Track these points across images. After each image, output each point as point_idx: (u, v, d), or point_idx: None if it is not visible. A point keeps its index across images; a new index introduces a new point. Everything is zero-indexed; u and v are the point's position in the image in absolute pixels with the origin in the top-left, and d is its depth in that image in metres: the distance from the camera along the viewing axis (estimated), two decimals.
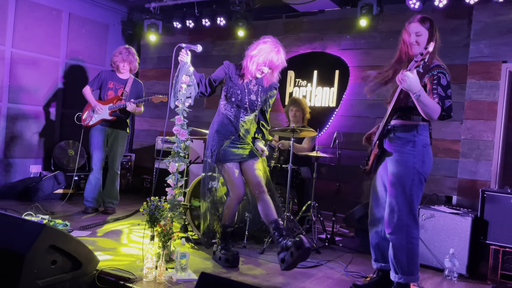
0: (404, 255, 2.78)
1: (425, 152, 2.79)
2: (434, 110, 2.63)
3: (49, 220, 3.95)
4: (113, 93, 4.84)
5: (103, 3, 6.42)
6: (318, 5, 5.25)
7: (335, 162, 4.96)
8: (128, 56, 4.81)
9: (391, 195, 2.82)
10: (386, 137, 2.89)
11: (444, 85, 2.69)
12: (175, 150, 3.40)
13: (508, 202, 3.64)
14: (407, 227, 2.77)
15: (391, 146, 2.87)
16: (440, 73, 2.70)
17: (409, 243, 2.78)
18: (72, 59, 6.10)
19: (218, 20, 5.71)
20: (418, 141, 2.78)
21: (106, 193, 4.92)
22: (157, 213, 3.10)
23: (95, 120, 4.77)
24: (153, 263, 2.89)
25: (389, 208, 2.83)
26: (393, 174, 2.82)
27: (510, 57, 4.26)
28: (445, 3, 4.39)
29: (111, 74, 4.91)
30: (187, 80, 3.37)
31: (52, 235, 2.52)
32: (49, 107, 5.90)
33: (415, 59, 2.60)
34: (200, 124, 5.80)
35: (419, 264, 2.87)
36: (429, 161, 2.82)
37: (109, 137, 4.86)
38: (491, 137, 4.31)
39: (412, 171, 2.76)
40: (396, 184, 2.79)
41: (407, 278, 2.81)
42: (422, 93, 2.57)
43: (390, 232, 2.81)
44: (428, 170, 2.81)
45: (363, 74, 5.24)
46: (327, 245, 4.21)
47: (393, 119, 2.86)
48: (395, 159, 2.82)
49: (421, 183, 2.80)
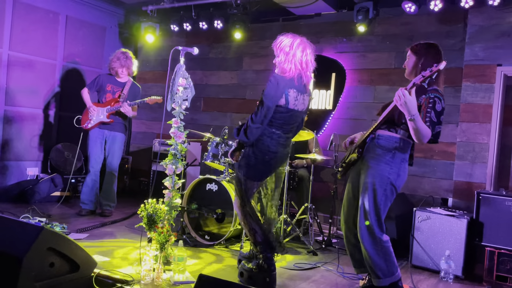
0: (382, 259, 2.84)
1: (402, 166, 2.84)
2: (425, 135, 2.66)
3: (46, 222, 3.95)
4: (111, 96, 4.89)
5: (100, 6, 6.42)
6: (314, 8, 5.28)
7: (331, 165, 4.99)
8: (126, 61, 4.88)
9: (362, 201, 2.86)
10: (368, 144, 2.92)
11: (438, 111, 2.72)
12: (172, 153, 3.41)
13: (503, 204, 3.67)
14: (378, 234, 2.83)
15: (370, 154, 2.89)
16: (437, 97, 2.73)
17: (382, 248, 2.84)
18: (69, 61, 6.10)
19: (215, 23, 5.73)
20: (398, 155, 2.82)
21: (104, 195, 4.92)
22: (155, 215, 3.11)
23: (94, 122, 4.82)
24: (150, 266, 2.90)
25: (360, 216, 2.87)
26: (367, 182, 2.85)
27: (505, 60, 4.30)
28: (441, 7, 4.42)
29: (109, 77, 4.97)
30: (183, 83, 3.38)
31: (50, 238, 2.52)
32: (46, 109, 5.89)
33: (423, 73, 2.63)
34: (197, 126, 5.82)
35: (396, 261, 2.90)
36: (404, 176, 2.87)
37: (107, 140, 4.89)
38: (486, 139, 4.34)
39: (386, 181, 2.81)
40: (368, 191, 2.83)
41: (389, 279, 2.85)
42: (417, 118, 2.60)
43: (363, 241, 2.86)
44: (401, 184, 2.87)
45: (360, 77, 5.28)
46: (324, 247, 4.23)
47: (380, 129, 2.89)
48: (372, 167, 2.85)
49: (392, 194, 2.85)
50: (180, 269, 3.07)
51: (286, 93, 2.89)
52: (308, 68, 2.97)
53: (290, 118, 3.00)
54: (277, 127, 2.97)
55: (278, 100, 2.89)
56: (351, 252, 3.13)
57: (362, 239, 2.86)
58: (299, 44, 2.94)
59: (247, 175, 3.02)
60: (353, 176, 3.05)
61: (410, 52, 2.95)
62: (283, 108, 2.91)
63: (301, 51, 2.92)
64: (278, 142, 3.00)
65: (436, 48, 2.88)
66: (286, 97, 2.90)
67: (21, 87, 5.57)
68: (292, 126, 3.07)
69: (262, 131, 2.94)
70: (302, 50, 2.93)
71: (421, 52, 2.87)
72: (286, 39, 2.96)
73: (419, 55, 2.87)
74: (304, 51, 2.93)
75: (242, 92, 6.09)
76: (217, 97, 6.31)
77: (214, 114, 6.32)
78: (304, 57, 2.92)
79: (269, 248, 3.07)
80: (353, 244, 3.08)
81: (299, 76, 2.93)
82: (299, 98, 2.96)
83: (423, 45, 2.90)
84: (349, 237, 3.09)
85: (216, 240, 4.00)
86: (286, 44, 2.93)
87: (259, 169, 3.03)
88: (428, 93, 2.75)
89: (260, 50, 5.89)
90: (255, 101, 5.85)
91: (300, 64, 2.91)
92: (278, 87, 2.88)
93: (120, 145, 4.94)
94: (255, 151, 2.99)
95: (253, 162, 3.00)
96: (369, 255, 2.85)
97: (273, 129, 2.96)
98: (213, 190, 4.10)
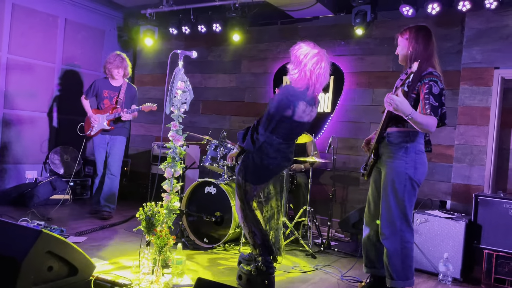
0: (399, 260, 2.81)
1: (417, 158, 2.81)
2: (430, 125, 2.64)
3: (45, 226, 3.95)
4: (108, 102, 5.00)
5: (99, 9, 6.44)
6: (313, 11, 5.30)
7: (330, 167, 5.00)
8: (122, 62, 4.96)
9: (384, 200, 2.85)
10: (381, 143, 2.93)
11: (436, 93, 2.69)
12: (171, 156, 3.42)
13: (501, 206, 3.68)
14: (401, 231, 2.80)
15: (384, 152, 2.90)
16: (432, 81, 2.72)
17: (404, 248, 2.81)
18: (68, 65, 6.11)
19: (214, 26, 5.74)
20: (411, 147, 2.80)
21: (103, 197, 4.97)
22: (153, 219, 3.11)
23: (96, 130, 4.97)
24: (149, 269, 2.90)
25: (382, 213, 2.86)
26: (386, 180, 2.85)
27: (502, 63, 4.32)
28: (438, 10, 4.44)
29: (104, 82, 5.04)
30: (182, 86, 3.39)
31: (49, 241, 2.53)
32: (45, 113, 5.90)
33: (400, 77, 2.66)
34: (196, 129, 5.82)
35: (413, 268, 2.89)
36: (422, 168, 2.84)
37: (109, 143, 5.01)
38: (484, 142, 4.35)
39: (404, 177, 2.79)
40: (389, 189, 2.82)
41: (402, 283, 2.83)
42: (413, 114, 2.59)
43: (384, 238, 2.84)
44: (421, 176, 2.83)
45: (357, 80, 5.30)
46: (322, 250, 4.23)
47: (389, 127, 2.89)
48: (388, 165, 2.85)
49: (414, 189, 2.82)
50: (178, 272, 3.07)
51: (295, 105, 2.89)
52: (319, 81, 2.92)
53: (295, 129, 3.02)
54: (279, 136, 2.98)
55: (286, 112, 2.89)
56: (368, 250, 3.10)
57: (383, 236, 2.84)
58: (315, 55, 2.90)
59: (246, 179, 3.03)
60: (375, 176, 3.05)
61: (400, 39, 2.94)
62: (289, 119, 2.92)
63: (315, 63, 2.87)
64: (278, 149, 3.00)
65: (425, 30, 2.86)
66: (294, 109, 2.89)
67: (20, 91, 5.58)
68: (294, 135, 3.11)
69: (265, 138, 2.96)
70: (317, 62, 2.88)
71: (410, 37, 2.86)
72: (304, 47, 2.93)
73: (409, 41, 2.85)
74: (318, 63, 2.89)
75: (240, 95, 6.10)
76: (216, 100, 6.32)
77: (212, 117, 6.32)
78: (318, 70, 2.88)
79: (268, 251, 3.07)
80: (373, 242, 3.05)
81: (310, 88, 2.90)
82: (307, 110, 2.96)
83: (412, 29, 2.89)
84: (371, 236, 3.06)
85: (215, 243, 4.01)
86: (302, 52, 2.91)
87: (258, 174, 3.04)
88: (423, 79, 2.74)
89: (259, 53, 5.91)
90: (254, 104, 5.94)
91: (311, 75, 2.87)
92: (288, 99, 2.88)
93: (120, 147, 5.03)
94: (255, 157, 3.00)
95: (252, 166, 3.01)
96: (388, 253, 2.83)
97: (274, 136, 2.97)
98: (211, 193, 4.11)
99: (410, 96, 2.75)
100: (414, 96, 2.76)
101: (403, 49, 2.91)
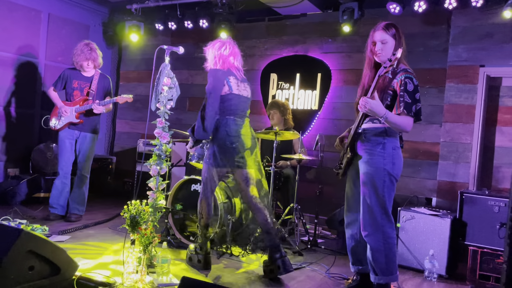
0: (383, 256, 2.82)
1: (395, 154, 2.84)
2: (405, 124, 2.70)
3: (26, 224, 3.87)
4: (79, 93, 4.62)
5: (83, 4, 6.33)
6: (300, 8, 5.28)
7: (317, 165, 5.00)
8: (91, 53, 4.54)
9: (364, 197, 2.86)
10: (357, 140, 2.93)
11: (411, 90, 2.73)
12: (157, 153, 3.37)
13: (486, 203, 3.71)
14: (383, 227, 2.82)
15: (361, 149, 2.90)
16: (407, 78, 2.74)
17: (386, 243, 2.82)
18: (51, 60, 6.00)
19: (201, 22, 5.69)
20: (388, 143, 2.83)
21: (72, 198, 4.64)
22: (138, 217, 3.06)
23: (63, 123, 4.55)
24: (134, 268, 2.85)
25: (363, 210, 2.87)
26: (365, 176, 2.85)
27: (488, 61, 4.36)
28: (425, 8, 4.46)
29: (74, 72, 4.64)
30: (168, 82, 3.34)
31: (30, 240, 2.47)
32: (27, 109, 5.78)
33: (384, 65, 2.67)
34: (182, 126, 5.76)
35: (397, 263, 2.90)
36: (399, 163, 2.87)
37: (77, 140, 4.63)
38: (469, 139, 4.39)
39: (382, 173, 2.80)
40: (368, 185, 2.83)
41: (387, 278, 2.84)
42: (388, 115, 2.64)
43: (366, 234, 2.85)
44: (398, 171, 2.87)
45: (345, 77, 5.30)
46: (309, 248, 4.22)
47: (364, 123, 2.90)
48: (366, 161, 2.86)
49: (393, 184, 2.84)
50: (164, 271, 3.03)
51: (227, 80, 3.24)
52: (235, 59, 3.36)
53: (239, 104, 3.31)
54: (230, 113, 3.27)
55: (222, 89, 3.23)
56: (353, 248, 3.10)
57: (365, 233, 2.85)
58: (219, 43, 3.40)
59: (214, 165, 3.31)
60: (352, 174, 3.05)
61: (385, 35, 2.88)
62: (230, 94, 3.25)
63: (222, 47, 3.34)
64: (235, 125, 3.28)
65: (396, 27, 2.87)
66: (228, 84, 3.24)
67: (2, 87, 5.45)
68: (242, 111, 3.35)
69: (217, 123, 3.26)
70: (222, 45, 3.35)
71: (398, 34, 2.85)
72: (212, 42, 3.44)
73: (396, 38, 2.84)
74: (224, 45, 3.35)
75: None
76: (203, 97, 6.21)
77: None
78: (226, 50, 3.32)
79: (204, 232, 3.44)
80: (357, 240, 3.06)
81: (231, 67, 3.31)
82: (241, 85, 3.34)
83: (395, 26, 2.88)
84: (354, 234, 3.07)
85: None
86: (211, 46, 3.42)
87: (223, 156, 3.28)
88: (398, 77, 2.76)
89: (246, 50, 5.86)
90: None
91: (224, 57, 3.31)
92: (219, 77, 3.23)
93: (91, 145, 4.65)
94: (216, 142, 3.29)
95: (217, 151, 3.29)
96: (371, 249, 2.84)
97: (226, 116, 3.27)
98: (198, 190, 4.06)
99: (387, 93, 2.77)
100: (391, 93, 2.78)
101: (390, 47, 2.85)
